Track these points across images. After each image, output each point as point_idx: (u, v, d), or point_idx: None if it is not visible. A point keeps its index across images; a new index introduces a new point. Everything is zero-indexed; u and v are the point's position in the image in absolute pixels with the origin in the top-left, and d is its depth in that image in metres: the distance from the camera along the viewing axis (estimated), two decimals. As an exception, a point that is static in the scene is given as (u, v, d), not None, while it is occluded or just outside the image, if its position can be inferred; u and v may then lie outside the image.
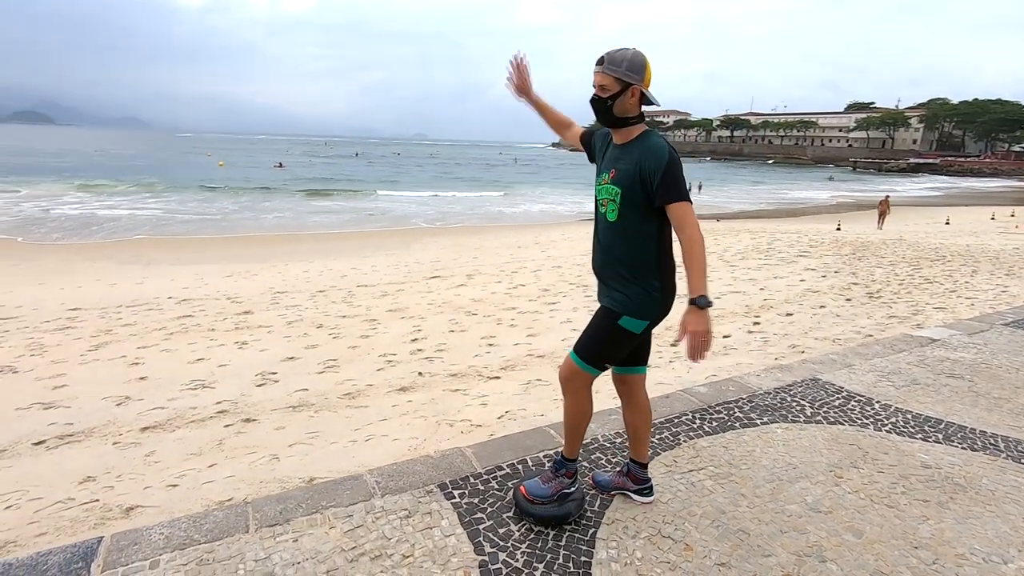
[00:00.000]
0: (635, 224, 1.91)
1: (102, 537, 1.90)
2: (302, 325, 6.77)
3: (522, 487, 2.13)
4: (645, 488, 2.23)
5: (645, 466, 2.23)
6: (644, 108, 1.93)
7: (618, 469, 2.32)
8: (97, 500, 3.05)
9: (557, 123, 2.40)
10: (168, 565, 1.80)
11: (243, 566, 1.81)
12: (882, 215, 19.89)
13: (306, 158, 74.82)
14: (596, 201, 2.04)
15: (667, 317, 2.00)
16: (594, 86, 1.90)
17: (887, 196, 21.34)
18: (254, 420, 4.11)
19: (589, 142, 2.20)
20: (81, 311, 7.50)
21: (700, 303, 1.78)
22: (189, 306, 7.86)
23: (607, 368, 2.04)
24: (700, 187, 41.58)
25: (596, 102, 1.91)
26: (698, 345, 1.81)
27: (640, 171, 1.86)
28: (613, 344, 1.98)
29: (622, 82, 1.84)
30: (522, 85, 2.29)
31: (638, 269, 1.93)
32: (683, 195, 1.83)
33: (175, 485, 3.21)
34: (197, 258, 13.34)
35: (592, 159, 2.18)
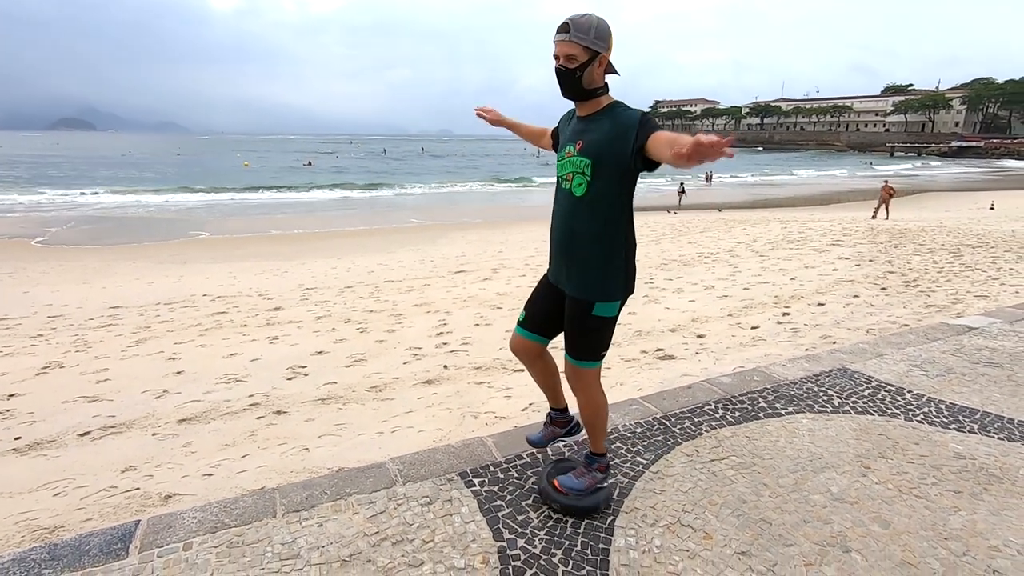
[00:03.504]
0: (605, 198, 1.85)
1: (139, 520, 2.00)
2: (331, 320, 6.92)
3: (555, 481, 2.12)
4: (572, 427, 2.43)
5: (565, 410, 2.41)
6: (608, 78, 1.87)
7: (544, 423, 2.46)
8: (138, 488, 3.19)
9: (532, 136, 2.41)
10: (200, 547, 1.88)
11: (271, 549, 1.88)
12: (883, 203, 17.82)
13: (332, 156, 76.03)
14: (558, 178, 1.99)
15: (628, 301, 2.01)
16: (556, 56, 1.80)
17: (887, 181, 19.01)
18: (285, 412, 4.23)
19: (556, 136, 2.18)
20: (122, 309, 7.81)
21: None
22: (223, 303, 8.11)
23: (604, 355, 2.04)
24: (710, 178, 40.57)
25: (564, 74, 1.80)
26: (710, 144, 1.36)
27: (615, 135, 1.78)
28: (598, 334, 1.98)
29: (590, 51, 1.76)
30: (494, 119, 2.44)
31: (606, 246, 1.88)
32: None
33: (210, 474, 3.33)
34: (230, 256, 13.71)
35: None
